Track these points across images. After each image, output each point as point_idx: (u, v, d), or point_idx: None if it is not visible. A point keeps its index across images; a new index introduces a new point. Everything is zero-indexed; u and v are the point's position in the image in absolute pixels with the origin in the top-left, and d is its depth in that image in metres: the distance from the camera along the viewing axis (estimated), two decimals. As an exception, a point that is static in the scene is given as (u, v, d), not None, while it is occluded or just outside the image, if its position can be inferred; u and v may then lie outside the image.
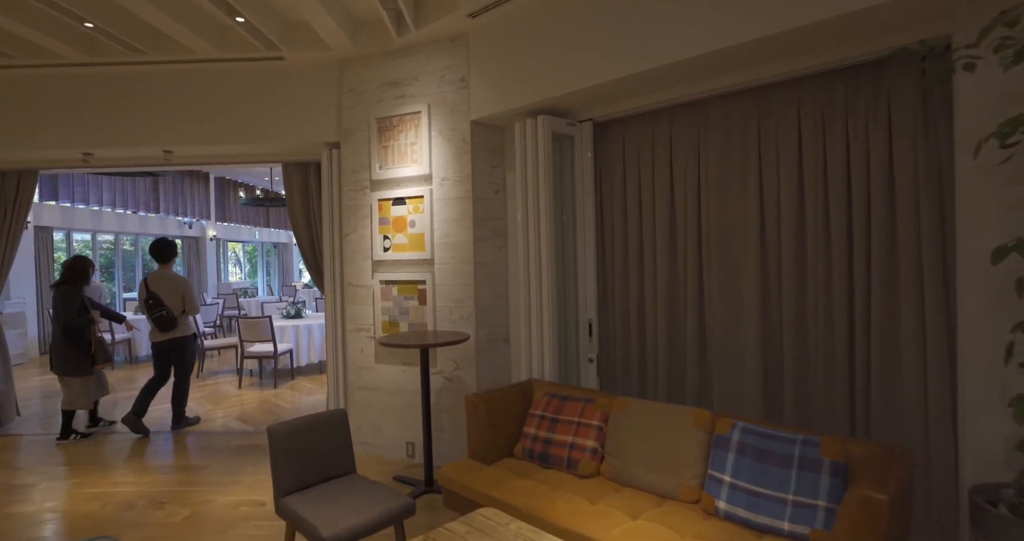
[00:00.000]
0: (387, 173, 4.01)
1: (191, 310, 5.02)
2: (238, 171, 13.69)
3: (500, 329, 3.94)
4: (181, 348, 5.01)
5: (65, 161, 4.81)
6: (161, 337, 4.94)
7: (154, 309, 4.84)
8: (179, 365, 5.05)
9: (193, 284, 5.09)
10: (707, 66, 2.83)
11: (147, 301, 4.85)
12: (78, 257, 4.77)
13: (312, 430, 2.61)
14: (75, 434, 4.82)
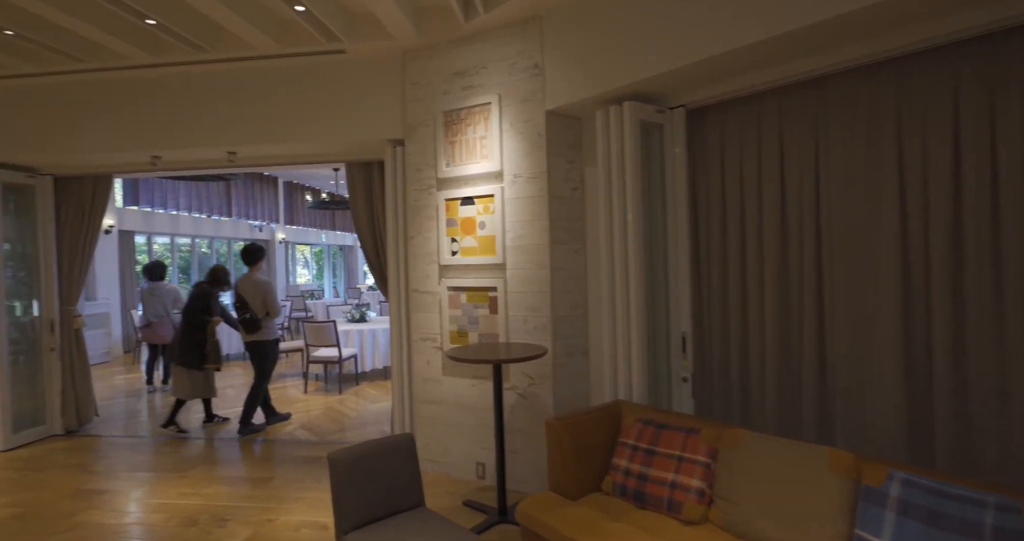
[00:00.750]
0: (454, 171, 3.71)
1: (272, 313, 5.05)
2: (305, 174, 13.93)
3: (579, 341, 3.56)
4: (261, 352, 5.05)
5: (135, 165, 4.80)
6: (246, 338, 5.05)
7: (240, 311, 4.97)
8: (257, 368, 5.07)
9: (275, 287, 5.03)
10: (834, 32, 2.35)
11: (235, 304, 4.99)
12: (220, 266, 5.27)
13: (377, 457, 2.33)
14: (174, 426, 5.05)
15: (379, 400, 6.09)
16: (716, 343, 3.14)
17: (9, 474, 4.10)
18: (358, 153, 4.48)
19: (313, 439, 4.79)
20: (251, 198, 13.24)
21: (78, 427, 5.13)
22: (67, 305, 5.05)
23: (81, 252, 5.06)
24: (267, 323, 5.03)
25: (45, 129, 4.52)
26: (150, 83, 4.37)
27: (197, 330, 5.04)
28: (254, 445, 4.72)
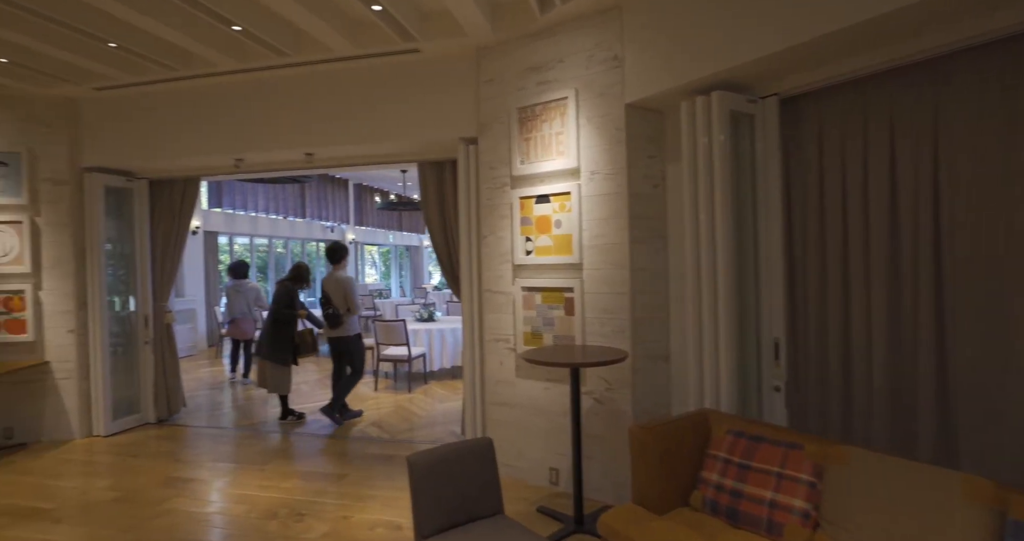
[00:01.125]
0: (529, 168, 3.62)
1: (353, 308, 5.25)
2: (373, 176, 14.29)
3: (659, 345, 3.39)
4: (346, 347, 5.29)
5: (220, 167, 5.00)
6: (331, 333, 5.27)
7: (325, 307, 5.18)
8: (352, 363, 5.32)
9: (355, 284, 5.34)
10: (962, 2, 2.08)
11: (320, 299, 5.22)
12: (302, 263, 5.52)
13: (456, 461, 2.27)
14: (292, 414, 5.38)
15: (447, 399, 6.10)
16: (813, 350, 2.89)
17: (110, 458, 4.35)
18: (430, 152, 4.48)
19: (384, 437, 4.83)
20: (323, 200, 13.69)
21: (168, 416, 5.41)
22: (159, 301, 5.34)
23: (172, 251, 5.33)
24: (348, 319, 5.21)
25: (142, 135, 4.78)
26: (235, 89, 4.53)
27: (285, 326, 5.25)
28: (327, 442, 4.81)
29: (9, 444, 4.71)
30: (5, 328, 4.74)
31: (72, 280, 4.84)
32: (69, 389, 4.85)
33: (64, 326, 4.84)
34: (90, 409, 4.92)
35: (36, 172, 4.79)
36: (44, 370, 4.81)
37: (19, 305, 4.75)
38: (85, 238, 4.90)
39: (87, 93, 4.74)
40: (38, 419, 4.82)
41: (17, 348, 4.78)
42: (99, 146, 4.88)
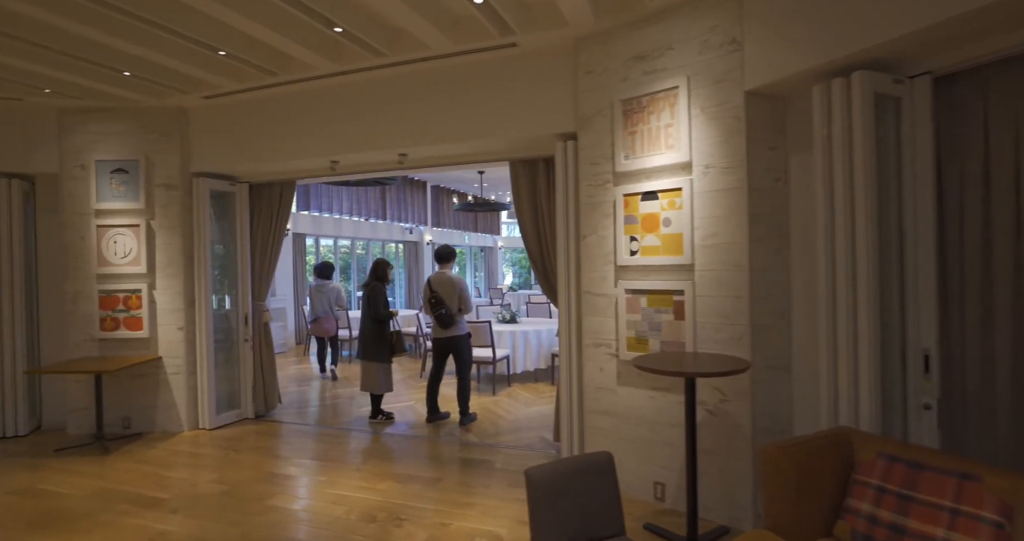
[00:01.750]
0: (634, 163, 3.42)
1: (465, 308, 5.29)
2: (451, 177, 14.44)
3: (780, 354, 3.10)
4: (459, 346, 5.28)
5: (316, 170, 5.11)
6: (440, 333, 5.27)
7: (436, 307, 5.16)
8: (460, 362, 5.30)
9: (468, 284, 5.41)
10: None
11: (430, 300, 5.20)
12: (381, 259, 5.54)
13: (575, 477, 2.12)
14: (381, 414, 5.43)
15: (533, 403, 5.97)
16: (973, 363, 2.52)
17: (215, 452, 4.51)
18: (523, 150, 4.37)
19: (473, 440, 4.76)
20: (403, 202, 13.97)
21: (265, 412, 5.58)
22: (257, 300, 5.52)
23: (269, 252, 5.50)
24: (459, 319, 5.23)
25: (244, 141, 4.95)
26: (330, 92, 4.60)
27: (381, 324, 5.30)
28: (418, 443, 4.79)
29: (127, 433, 5.00)
30: (124, 325, 5.04)
31: (181, 280, 5.08)
32: (178, 384, 5.09)
33: (174, 324, 5.08)
34: (196, 403, 5.15)
35: (152, 178, 5.07)
36: (157, 365, 5.08)
37: (136, 303, 5.04)
38: (193, 240, 5.14)
39: (196, 102, 4.96)
40: (151, 410, 5.09)
41: (134, 343, 5.07)
42: (205, 152, 5.10)
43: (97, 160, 5.04)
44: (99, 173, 5.04)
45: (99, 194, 5.04)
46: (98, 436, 4.67)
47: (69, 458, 4.41)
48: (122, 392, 5.06)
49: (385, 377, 5.34)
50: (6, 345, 5.00)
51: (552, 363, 6.97)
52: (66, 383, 5.11)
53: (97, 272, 5.04)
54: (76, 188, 5.08)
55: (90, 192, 5.03)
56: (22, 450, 4.67)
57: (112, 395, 5.01)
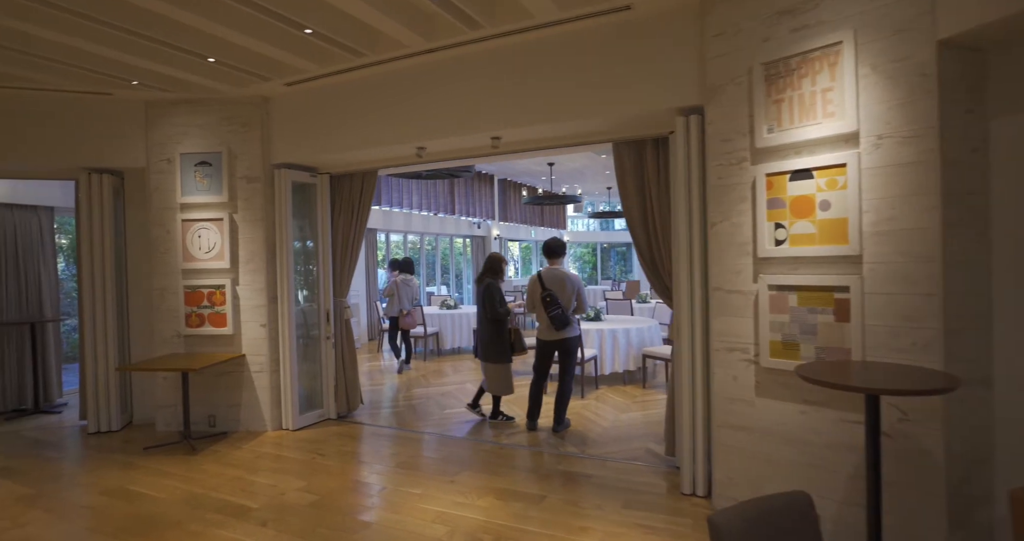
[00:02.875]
0: (781, 137, 2.90)
1: (582, 309, 4.87)
2: (519, 170, 14.08)
3: (977, 366, 2.51)
4: (568, 349, 4.86)
5: (401, 157, 4.81)
6: (552, 335, 4.82)
7: (551, 307, 4.72)
8: (564, 365, 4.90)
9: (582, 282, 4.93)
10: None
11: (544, 298, 4.77)
12: (496, 254, 5.20)
13: (771, 523, 1.66)
14: (501, 415, 5.17)
15: (626, 409, 5.50)
16: None
17: (300, 456, 4.30)
18: (629, 130, 3.90)
19: (573, 451, 4.34)
20: (470, 195, 13.73)
21: (347, 412, 5.37)
22: (339, 297, 5.31)
23: (351, 246, 5.27)
24: (573, 319, 4.83)
25: (326, 130, 4.71)
26: (418, 72, 4.28)
27: (499, 324, 5.00)
28: (516, 453, 4.43)
29: (213, 432, 4.88)
30: (209, 321, 4.92)
31: (263, 275, 4.92)
32: (261, 382, 4.93)
33: (257, 320, 4.93)
34: (280, 403, 4.98)
35: (234, 170, 4.92)
36: (240, 363, 4.94)
37: (220, 299, 4.91)
38: (275, 233, 4.97)
39: (278, 89, 4.76)
40: (235, 409, 4.96)
41: (219, 340, 4.95)
42: (286, 142, 4.90)
43: (182, 153, 4.93)
44: (184, 166, 4.94)
45: (184, 188, 4.93)
46: (185, 435, 4.56)
47: (158, 457, 4.30)
48: (207, 390, 4.95)
49: (507, 378, 5.04)
50: (99, 341, 4.99)
51: (643, 365, 6.47)
52: (155, 380, 5.06)
53: (182, 267, 4.94)
54: (162, 182, 5.00)
55: (175, 186, 4.94)
56: (115, 446, 4.62)
57: (198, 392, 4.91)
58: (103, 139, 4.97)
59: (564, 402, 4.85)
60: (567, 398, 4.86)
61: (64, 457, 4.40)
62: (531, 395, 4.95)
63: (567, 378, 4.87)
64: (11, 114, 4.74)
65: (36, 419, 5.58)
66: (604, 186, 17.10)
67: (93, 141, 4.95)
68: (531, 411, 4.93)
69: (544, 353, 4.92)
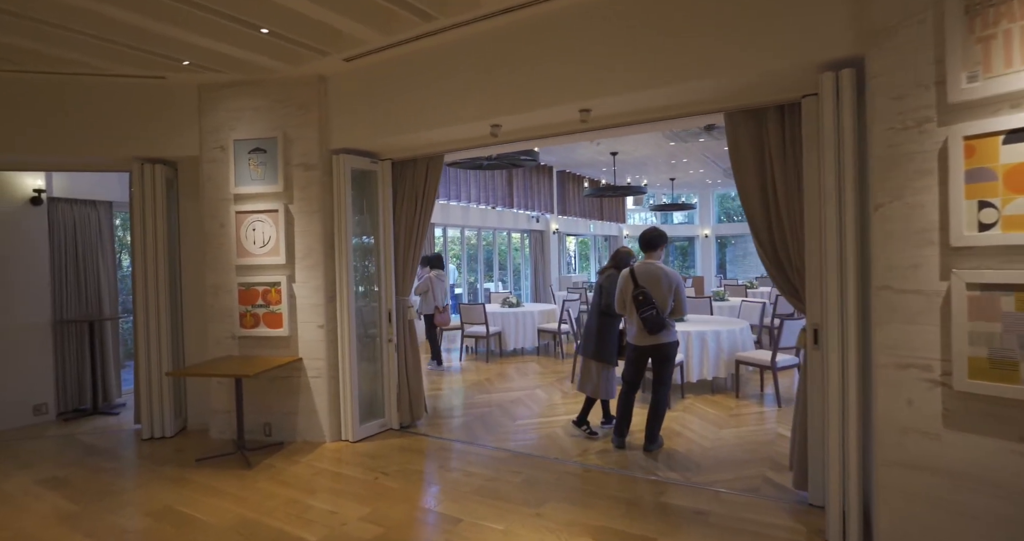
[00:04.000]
0: (989, 87, 2.17)
1: (680, 310, 4.18)
2: (579, 161, 13.41)
3: None
4: (664, 356, 4.22)
5: (472, 139, 4.28)
6: (645, 340, 4.19)
7: (644, 307, 4.09)
8: (660, 375, 4.27)
9: (682, 280, 4.21)
10: None
11: (636, 297, 4.13)
12: (625, 248, 4.62)
13: None
14: (586, 426, 4.56)
15: (723, 423, 4.80)
16: None
17: (361, 474, 3.84)
18: (745, 95, 3.24)
19: (676, 479, 3.69)
20: (528, 188, 13.16)
21: (411, 422, 4.90)
22: (401, 295, 4.84)
23: (415, 239, 4.79)
24: (669, 322, 4.18)
25: (388, 110, 4.23)
26: (493, 38, 3.72)
27: (612, 320, 4.47)
28: (606, 477, 3.84)
29: (268, 442, 4.51)
30: (264, 321, 4.55)
31: (321, 271, 4.49)
32: (320, 389, 4.52)
33: (314, 321, 4.51)
34: (339, 411, 4.56)
35: (289, 157, 4.51)
36: (297, 367, 4.54)
37: (276, 298, 4.52)
38: (333, 226, 4.54)
39: (336, 66, 4.31)
40: (292, 417, 4.57)
41: (274, 343, 4.56)
42: (345, 126, 4.45)
43: (235, 139, 4.56)
44: (237, 154, 4.57)
45: (238, 177, 4.57)
46: (239, 445, 4.19)
47: (210, 470, 3.94)
48: (263, 395, 4.58)
49: (607, 380, 4.49)
50: (152, 343, 4.70)
51: (736, 372, 5.73)
52: (209, 384, 4.73)
53: (236, 263, 4.58)
54: (215, 171, 4.65)
55: (229, 175, 4.57)
56: (167, 455, 4.31)
57: (253, 399, 4.54)
58: (156, 127, 4.66)
59: (659, 417, 4.22)
60: (662, 413, 4.23)
61: (115, 467, 4.10)
62: (620, 407, 4.33)
63: (662, 389, 4.23)
64: (63, 103, 4.48)
65: (94, 421, 5.38)
66: (668, 177, 16.21)
67: (146, 129, 4.65)
68: (620, 426, 4.32)
69: (636, 360, 4.31)
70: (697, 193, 20.41)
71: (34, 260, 5.34)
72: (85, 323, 5.68)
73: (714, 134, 8.82)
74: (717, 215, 21.59)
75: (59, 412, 5.53)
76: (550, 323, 8.60)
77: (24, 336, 5.24)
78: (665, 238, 4.27)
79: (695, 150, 12.36)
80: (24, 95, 4.41)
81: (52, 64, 4.16)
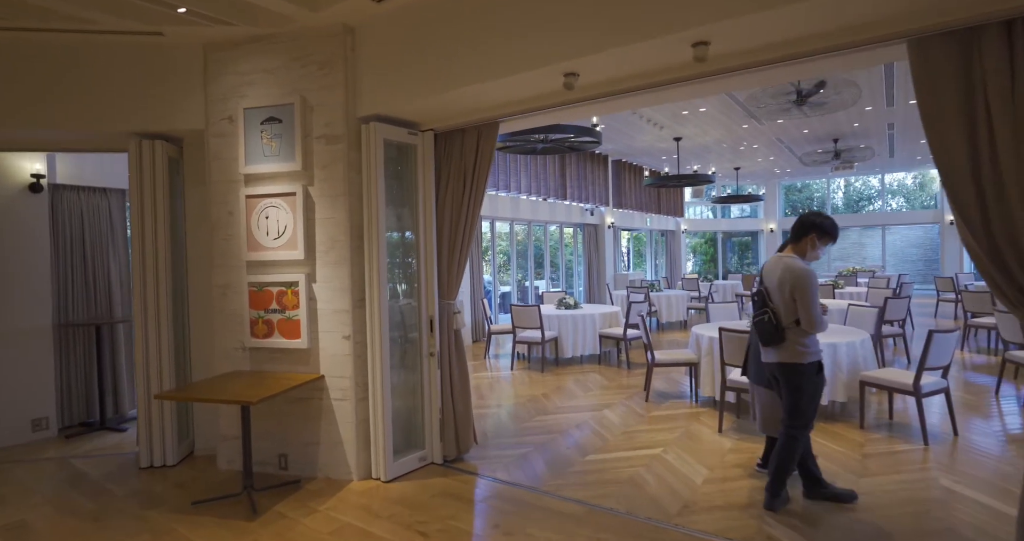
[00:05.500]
0: None
1: (807, 323, 2.99)
2: (637, 149, 12.26)
3: None
4: (792, 382, 3.08)
5: (537, 98, 3.30)
6: (764, 355, 3.17)
7: (757, 311, 3.15)
8: (790, 407, 3.11)
9: (815, 282, 3.02)
10: None
11: (753, 297, 3.21)
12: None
13: None
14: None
15: (862, 469, 3.67)
16: None
17: (396, 532, 2.94)
18: (947, 8, 2.15)
19: (821, 559, 2.64)
20: (583, 179, 12.12)
21: (456, 455, 3.98)
22: (446, 299, 3.92)
23: (463, 230, 3.85)
24: (797, 335, 3.04)
25: (431, 62, 3.30)
26: (568, -46, 2.74)
27: None
28: None
29: (284, 478, 3.67)
30: (279, 330, 3.71)
31: (347, 269, 3.62)
32: (345, 413, 3.65)
33: (339, 331, 3.65)
34: (369, 442, 3.68)
35: (309, 128, 3.66)
36: (318, 386, 3.69)
37: (293, 301, 3.68)
38: (363, 212, 3.66)
39: (364, 9, 3.42)
40: (313, 448, 3.72)
41: (291, 356, 3.73)
42: (377, 86, 3.56)
43: (246, 108, 3.74)
44: (248, 126, 3.74)
45: (248, 154, 3.74)
46: (246, 485, 3.35)
47: (207, 518, 3.12)
48: (278, 421, 3.76)
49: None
50: (152, 354, 3.94)
51: (861, 395, 4.56)
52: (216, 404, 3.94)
53: (247, 259, 3.76)
54: (223, 148, 3.84)
55: (238, 152, 3.76)
56: (162, 493, 3.53)
57: (265, 425, 3.73)
58: (156, 96, 3.89)
59: (781, 464, 3.13)
60: (783, 460, 3.12)
61: (95, 508, 3.33)
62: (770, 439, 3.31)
63: (791, 425, 3.13)
64: (46, 70, 3.76)
65: (98, 438, 4.70)
66: (731, 166, 14.83)
67: (143, 99, 3.88)
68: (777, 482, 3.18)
69: (756, 380, 3.29)
70: (762, 184, 18.88)
71: (33, 255, 4.68)
72: (92, 326, 5.01)
73: (805, 109, 7.57)
74: (783, 208, 19.97)
75: (61, 427, 4.89)
76: (612, 327, 7.55)
77: (21, 341, 4.60)
78: (816, 226, 3.06)
79: (769, 132, 11.06)
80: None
81: (20, 15, 3.42)
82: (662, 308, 10.33)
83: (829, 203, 20.00)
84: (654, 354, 5.42)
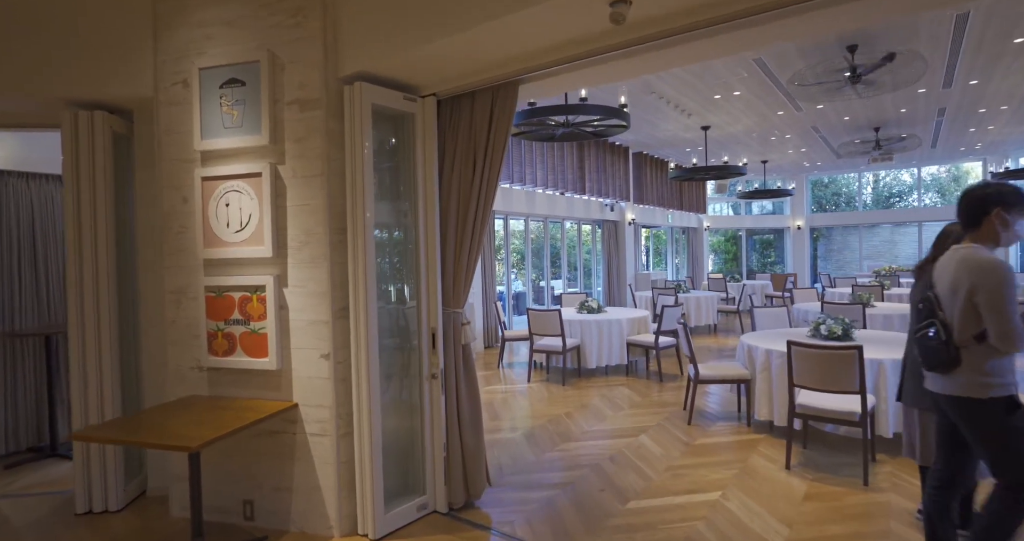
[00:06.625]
0: None
1: (1000, 338, 2.07)
2: (660, 140, 11.42)
3: None
4: (959, 418, 2.20)
5: (574, 40, 2.49)
6: (930, 383, 2.30)
7: (920, 323, 2.29)
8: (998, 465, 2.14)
9: (1011, 278, 2.07)
10: None
11: (917, 304, 2.39)
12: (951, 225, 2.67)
13: None
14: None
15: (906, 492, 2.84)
16: None
17: (378, 628, 2.17)
18: None
19: None
20: (602, 172, 11.29)
21: (465, 501, 3.20)
22: (451, 307, 3.14)
23: (474, 222, 3.06)
24: (978, 357, 2.13)
25: None
26: None
27: None
28: None
29: (249, 533, 2.91)
30: (242, 345, 2.95)
31: (326, 269, 2.85)
32: (325, 452, 2.88)
33: (315, 347, 2.88)
34: (354, 488, 2.91)
35: (278, 91, 2.89)
36: (291, 417, 2.92)
37: (259, 310, 2.92)
38: (346, 197, 2.88)
39: (345, -65, 2.64)
40: (284, 495, 2.96)
41: (257, 379, 2.97)
42: (364, 35, 2.78)
43: (201, 68, 2.97)
44: (205, 90, 2.98)
45: (205, 126, 2.98)
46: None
47: (137, 600, 2.37)
48: (242, 459, 3.00)
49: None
50: (92, 374, 3.20)
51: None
52: (168, 436, 3.18)
53: (203, 256, 3.00)
54: (175, 119, 3.09)
55: (193, 124, 3.00)
56: (95, 551, 2.79)
57: (226, 465, 2.98)
58: (94, 54, 3.15)
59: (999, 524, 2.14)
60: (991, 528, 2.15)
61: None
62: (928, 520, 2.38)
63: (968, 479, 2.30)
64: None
65: (43, 468, 3.99)
66: (759, 159, 13.93)
67: (79, 58, 3.14)
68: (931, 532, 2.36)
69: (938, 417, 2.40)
70: (789, 179, 17.91)
71: (-32, 253, 3.97)
72: (42, 337, 4.29)
73: (859, 88, 6.70)
74: (810, 204, 18.98)
75: (5, 453, 4.18)
76: (641, 334, 6.73)
77: (-48, 355, 3.89)
78: (997, 198, 2.16)
79: (805, 120, 10.18)
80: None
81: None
82: (690, 311, 9.48)
83: (860, 199, 18.99)
84: (698, 368, 4.61)
